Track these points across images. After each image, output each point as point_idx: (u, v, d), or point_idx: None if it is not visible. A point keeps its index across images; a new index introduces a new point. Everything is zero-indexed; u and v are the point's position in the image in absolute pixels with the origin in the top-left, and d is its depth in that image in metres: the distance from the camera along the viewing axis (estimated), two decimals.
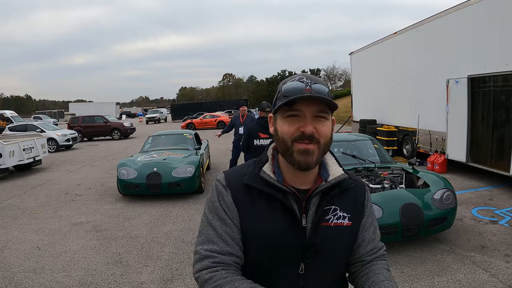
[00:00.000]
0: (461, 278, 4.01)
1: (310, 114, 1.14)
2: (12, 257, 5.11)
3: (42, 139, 12.88)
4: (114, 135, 24.48)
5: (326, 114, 1.16)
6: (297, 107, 1.14)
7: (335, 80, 69.29)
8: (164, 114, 53.43)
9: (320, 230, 1.22)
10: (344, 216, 1.26)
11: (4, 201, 8.33)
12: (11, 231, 6.24)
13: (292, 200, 1.21)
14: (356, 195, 1.32)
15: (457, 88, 8.69)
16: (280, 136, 1.18)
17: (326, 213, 1.23)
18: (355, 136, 7.47)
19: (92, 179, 10.66)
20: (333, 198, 1.25)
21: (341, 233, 1.25)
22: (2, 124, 24.30)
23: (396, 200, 4.65)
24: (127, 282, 4.27)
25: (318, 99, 1.13)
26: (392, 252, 4.73)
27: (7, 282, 4.35)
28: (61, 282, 4.31)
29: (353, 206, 1.29)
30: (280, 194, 1.20)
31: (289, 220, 1.20)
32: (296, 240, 1.20)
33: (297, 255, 1.21)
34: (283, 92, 1.17)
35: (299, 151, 1.14)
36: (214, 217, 1.23)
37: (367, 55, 14.78)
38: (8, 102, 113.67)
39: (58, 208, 7.65)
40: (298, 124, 1.14)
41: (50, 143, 17.53)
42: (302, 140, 1.13)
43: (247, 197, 1.23)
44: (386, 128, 12.43)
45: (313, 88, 1.14)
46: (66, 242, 5.64)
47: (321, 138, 1.15)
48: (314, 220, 1.21)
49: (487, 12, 7.78)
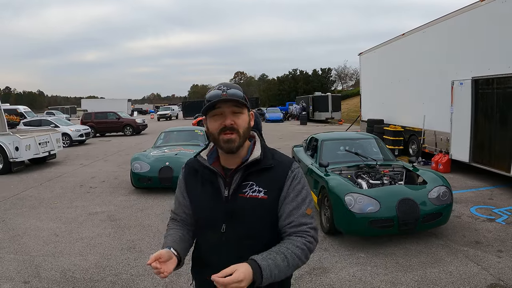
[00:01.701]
0: (452, 270, 4.22)
1: (228, 110, 1.52)
2: (32, 243, 5.47)
3: (57, 134, 13.31)
4: (126, 131, 24.84)
5: (241, 109, 1.55)
6: (218, 108, 1.52)
7: (346, 80, 69.12)
8: (175, 111, 53.75)
9: (238, 200, 1.57)
10: (260, 190, 1.57)
11: (21, 192, 8.74)
12: (29, 219, 6.61)
13: (218, 176, 1.61)
14: (275, 174, 1.59)
15: (461, 89, 8.86)
16: (210, 131, 1.57)
17: (244, 187, 1.58)
18: (360, 135, 7.71)
19: (105, 173, 11.04)
20: (250, 175, 1.58)
21: (255, 203, 1.55)
22: (16, 119, 24.89)
23: (393, 195, 4.89)
24: (140, 265, 4.60)
25: (230, 100, 1.51)
26: (389, 244, 4.99)
27: (27, 265, 4.70)
28: (78, 265, 4.66)
29: (270, 182, 1.58)
30: (208, 171, 1.63)
31: (215, 191, 1.61)
32: (219, 206, 1.59)
33: (220, 217, 1.59)
34: (207, 98, 1.54)
35: (223, 140, 1.53)
36: (177, 188, 1.79)
37: (376, 55, 14.95)
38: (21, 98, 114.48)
39: (74, 199, 8.02)
40: (221, 120, 1.53)
41: (64, 138, 17.90)
42: (225, 131, 1.52)
43: (192, 175, 1.71)
44: (392, 128, 12.59)
45: (228, 92, 1.52)
46: (82, 230, 5.99)
47: (239, 128, 1.53)
48: (233, 191, 1.58)
49: (490, 15, 7.94)
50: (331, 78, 62.92)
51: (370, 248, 4.93)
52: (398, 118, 12.92)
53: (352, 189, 4.98)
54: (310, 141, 7.68)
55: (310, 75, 58.92)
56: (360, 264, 4.47)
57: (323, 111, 33.57)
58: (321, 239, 5.26)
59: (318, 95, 35.69)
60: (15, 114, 26.61)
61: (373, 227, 4.72)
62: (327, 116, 33.38)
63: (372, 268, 4.35)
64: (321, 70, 60.14)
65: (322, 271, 4.35)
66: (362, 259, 4.61)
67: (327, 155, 6.52)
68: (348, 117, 33.02)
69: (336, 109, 33.65)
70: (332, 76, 64.03)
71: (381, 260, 4.57)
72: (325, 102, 33.49)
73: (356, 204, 4.75)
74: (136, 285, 4.13)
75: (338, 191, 4.95)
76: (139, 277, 4.31)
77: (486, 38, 8.11)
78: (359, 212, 4.71)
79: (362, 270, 4.31)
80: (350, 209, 4.72)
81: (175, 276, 4.22)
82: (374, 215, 4.70)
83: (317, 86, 53.91)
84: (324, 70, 60.46)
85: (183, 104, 55.54)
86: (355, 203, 4.75)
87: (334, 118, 33.18)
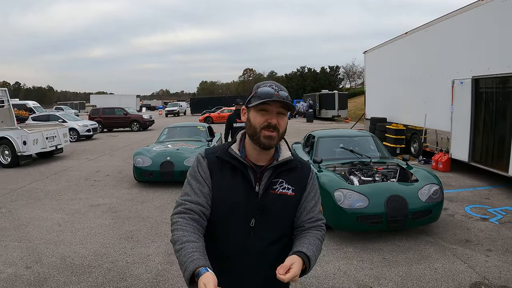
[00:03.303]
0: (438, 267, 4.30)
1: (275, 110, 1.59)
2: (35, 232, 5.70)
3: (64, 129, 13.57)
4: (133, 126, 25.16)
5: (285, 111, 1.62)
6: (267, 105, 1.58)
7: (354, 78, 68.85)
8: (183, 107, 54.12)
9: (269, 195, 1.65)
10: (289, 188, 1.69)
11: (28, 185, 8.99)
12: (34, 210, 6.85)
13: (250, 171, 1.65)
14: (301, 174, 1.75)
15: (462, 88, 8.90)
16: (252, 124, 1.61)
17: (274, 184, 1.67)
18: (356, 132, 7.81)
19: (110, 167, 11.27)
20: (280, 173, 1.68)
21: (284, 200, 1.67)
22: (25, 114, 25.24)
23: (383, 191, 5.00)
24: (136, 254, 4.83)
25: (282, 102, 1.58)
26: (378, 240, 5.10)
27: (30, 252, 4.93)
28: (78, 252, 4.88)
29: (297, 181, 1.72)
30: (241, 165, 1.65)
31: (247, 185, 1.64)
32: (250, 200, 1.63)
33: (250, 212, 1.63)
34: (259, 94, 1.60)
35: (265, 136, 1.58)
36: (192, 179, 1.67)
37: (380, 54, 15.00)
38: (30, 93, 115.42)
39: (78, 191, 8.25)
40: (266, 117, 1.59)
41: (71, 133, 18.22)
42: (268, 128, 1.58)
43: (218, 166, 1.67)
44: (394, 126, 12.64)
45: (280, 94, 1.59)
46: (84, 221, 6.21)
47: (280, 128, 1.61)
48: (265, 187, 1.65)
49: (491, 14, 7.98)
50: (339, 76, 62.73)
51: (359, 243, 5.05)
52: (400, 116, 12.97)
53: (342, 185, 5.10)
54: (308, 138, 7.80)
55: (318, 73, 58.93)
56: (347, 258, 4.60)
57: (330, 108, 33.56)
58: None
59: (325, 93, 35.66)
60: (24, 109, 26.96)
61: (362, 222, 4.83)
62: (333, 114, 33.35)
63: (358, 263, 4.47)
64: (329, 68, 60.06)
65: None
66: (350, 254, 4.74)
67: (322, 151, 6.64)
68: (354, 115, 32.96)
69: (343, 107, 33.64)
70: (340, 74, 63.84)
71: (368, 255, 4.68)
72: (331, 100, 33.47)
73: (346, 200, 4.87)
74: (130, 272, 4.33)
75: (328, 187, 5.07)
76: (134, 264, 4.52)
77: (486, 38, 8.14)
78: (348, 208, 4.83)
79: (348, 264, 4.44)
80: (339, 205, 4.84)
81: (168, 264, 4.41)
82: (363, 211, 4.81)
83: (325, 84, 53.86)
84: (332, 68, 60.35)
85: (191, 100, 55.86)
86: (344, 199, 4.87)
87: (341, 116, 33.17)
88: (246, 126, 1.68)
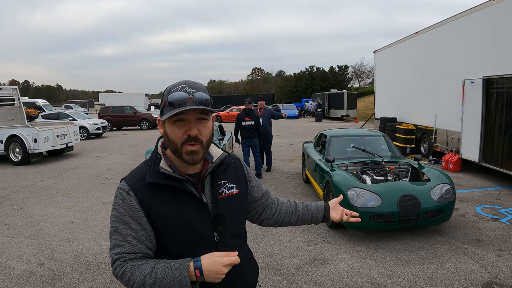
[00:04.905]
0: (450, 266, 4.30)
1: (193, 118, 1.35)
2: (48, 229, 5.77)
3: (74, 127, 13.70)
4: (143, 125, 25.26)
5: (206, 116, 1.38)
6: (183, 114, 1.33)
7: (363, 77, 68.55)
8: None
9: (219, 202, 1.48)
10: (232, 186, 1.55)
11: (40, 182, 9.09)
12: (47, 207, 6.92)
13: (189, 185, 1.42)
14: (236, 167, 1.62)
15: (473, 88, 8.84)
16: (170, 139, 1.37)
17: (219, 187, 1.50)
18: (368, 132, 7.80)
19: (121, 165, 11.35)
20: (220, 174, 1.52)
21: (234, 199, 1.54)
22: (34, 112, 25.48)
23: (395, 191, 5.00)
24: None
25: (199, 109, 1.34)
26: (390, 239, 5.10)
27: (43, 248, 4.99)
28: (91, 249, 4.93)
29: (236, 177, 1.60)
30: (179, 183, 1.40)
31: (194, 201, 1.42)
32: (203, 216, 1.43)
33: (208, 228, 1.44)
34: (169, 101, 1.33)
35: (187, 152, 1.36)
36: (119, 224, 1.38)
37: (390, 53, 14.94)
38: (39, 91, 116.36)
39: (89, 189, 8.33)
40: (184, 128, 1.34)
41: (81, 131, 18.36)
42: (189, 141, 1.34)
43: (151, 195, 1.39)
44: (404, 126, 12.60)
45: (195, 96, 1.34)
46: (97, 218, 6.27)
47: (203, 138, 1.38)
48: (212, 195, 1.47)
49: (502, 14, 7.92)
50: (348, 76, 62.51)
51: (372, 242, 5.06)
52: (410, 116, 12.91)
53: (355, 184, 5.11)
54: (320, 137, 7.81)
55: (327, 72, 58.68)
56: (360, 257, 4.60)
57: (339, 108, 33.51)
58: (324, 232, 5.41)
59: (333, 92, 35.59)
60: (33, 107, 27.22)
61: (374, 221, 4.84)
62: (342, 114, 33.31)
63: (371, 261, 4.48)
64: (338, 67, 59.82)
65: (322, 262, 4.50)
66: (363, 252, 4.74)
67: (334, 151, 6.65)
68: (363, 114, 32.89)
69: (352, 106, 33.57)
70: (349, 73, 63.59)
71: (381, 254, 4.69)
72: (340, 99, 33.43)
73: (359, 199, 4.88)
74: None
75: (342, 186, 5.09)
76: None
77: (497, 37, 8.09)
78: (361, 207, 4.83)
79: (361, 263, 4.44)
80: (352, 203, 4.84)
81: None
82: (376, 210, 4.81)
83: (334, 83, 53.72)
84: (341, 67, 60.11)
85: None
86: (357, 198, 4.88)
87: (350, 115, 33.11)
88: (164, 140, 1.45)
